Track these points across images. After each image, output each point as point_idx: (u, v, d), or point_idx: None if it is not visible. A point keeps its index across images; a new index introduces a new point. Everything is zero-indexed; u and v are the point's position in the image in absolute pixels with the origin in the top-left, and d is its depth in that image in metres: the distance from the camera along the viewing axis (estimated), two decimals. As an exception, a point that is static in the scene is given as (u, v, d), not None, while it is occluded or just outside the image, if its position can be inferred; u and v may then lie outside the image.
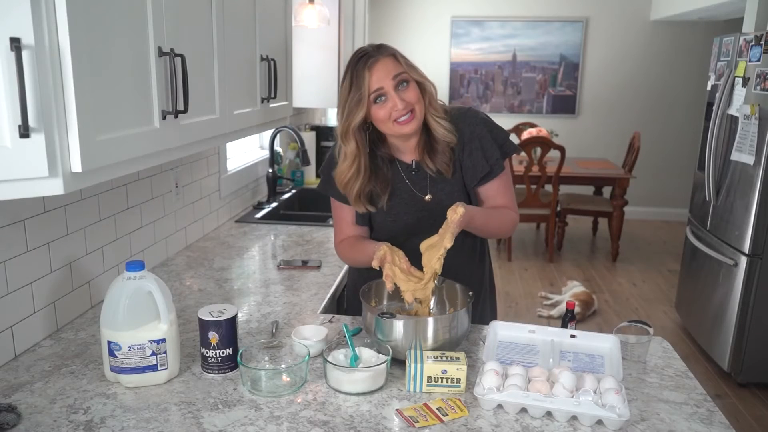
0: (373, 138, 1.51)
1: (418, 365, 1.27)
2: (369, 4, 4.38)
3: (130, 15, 1.18)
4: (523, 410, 1.22)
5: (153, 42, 1.26)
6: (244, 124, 1.84)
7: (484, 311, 1.71)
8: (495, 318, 1.70)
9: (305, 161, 2.93)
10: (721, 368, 3.27)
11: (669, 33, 6.12)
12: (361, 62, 1.40)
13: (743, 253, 3.08)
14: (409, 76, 1.42)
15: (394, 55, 1.42)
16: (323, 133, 3.81)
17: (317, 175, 3.70)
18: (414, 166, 1.54)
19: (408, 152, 1.55)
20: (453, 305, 1.53)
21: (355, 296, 1.75)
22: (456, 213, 1.36)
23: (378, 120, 1.43)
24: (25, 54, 0.93)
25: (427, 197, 1.54)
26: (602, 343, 1.46)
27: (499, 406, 1.23)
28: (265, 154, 3.19)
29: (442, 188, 1.54)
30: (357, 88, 1.39)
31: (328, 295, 1.84)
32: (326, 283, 1.93)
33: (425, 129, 1.51)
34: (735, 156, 3.15)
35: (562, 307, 3.99)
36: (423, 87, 1.45)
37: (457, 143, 1.51)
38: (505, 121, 6.27)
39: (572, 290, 4.18)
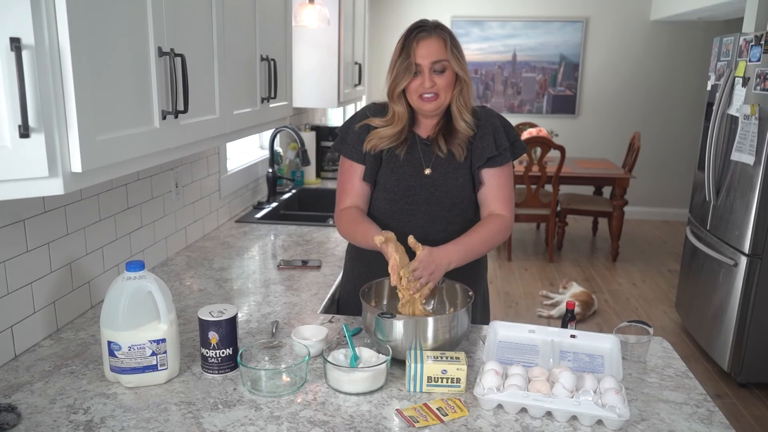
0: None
1: (418, 365, 1.27)
2: (369, 4, 4.38)
3: (130, 15, 1.18)
4: (523, 410, 1.22)
5: (153, 42, 1.26)
6: (244, 124, 1.84)
7: (474, 323, 1.70)
8: None
9: (305, 161, 2.93)
10: (721, 368, 3.27)
11: (669, 33, 6.12)
12: (414, 33, 1.52)
13: (743, 253, 3.08)
14: (449, 65, 1.52)
15: (445, 40, 1.52)
16: (323, 133, 3.80)
17: (317, 175, 3.71)
18: (427, 141, 1.63)
19: (425, 129, 1.64)
20: (453, 305, 1.53)
21: (351, 296, 1.75)
22: (417, 249, 1.42)
23: (408, 89, 1.55)
24: (25, 54, 0.93)
25: (427, 171, 1.61)
26: (602, 343, 1.46)
27: (499, 406, 1.23)
28: (265, 154, 3.19)
29: (445, 167, 1.61)
30: (407, 56, 1.51)
31: (328, 295, 1.84)
32: (326, 283, 1.93)
33: (448, 117, 1.61)
34: (735, 156, 3.16)
35: (562, 307, 3.99)
36: (459, 78, 1.55)
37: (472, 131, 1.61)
38: (505, 121, 6.27)
39: (572, 290, 4.18)
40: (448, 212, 1.62)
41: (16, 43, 0.91)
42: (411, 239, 1.43)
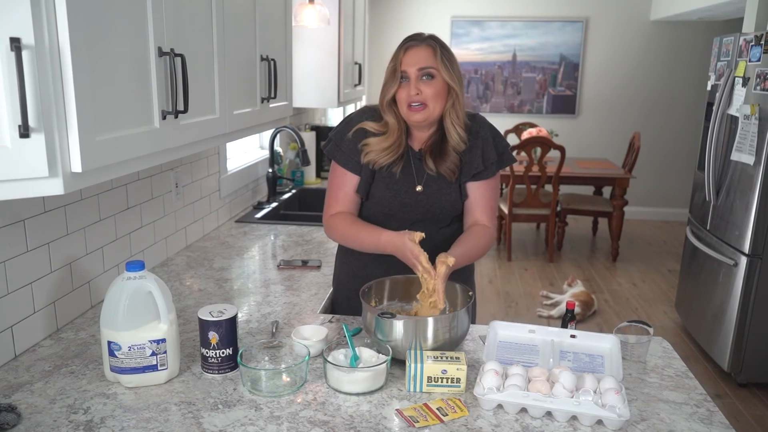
0: None
1: (418, 365, 1.27)
2: (369, 4, 4.37)
3: (130, 15, 1.18)
4: (523, 410, 1.22)
5: (153, 42, 1.26)
6: (244, 124, 1.84)
7: None
8: None
9: (305, 161, 2.93)
10: (721, 368, 3.27)
11: (669, 33, 6.12)
12: (404, 43, 1.52)
13: (743, 253, 3.08)
14: (437, 73, 1.49)
15: (434, 48, 1.49)
16: (323, 133, 3.80)
17: (317, 175, 3.70)
18: (419, 155, 1.60)
19: (417, 142, 1.62)
20: (453, 305, 1.53)
21: (342, 298, 1.75)
22: (446, 264, 1.40)
23: (398, 99, 1.53)
24: (25, 54, 0.93)
25: (419, 188, 1.60)
26: (602, 343, 1.46)
27: (499, 406, 1.23)
28: (265, 154, 3.19)
29: (438, 184, 1.60)
30: (394, 64, 1.52)
31: (328, 295, 1.84)
32: (326, 283, 1.93)
33: (440, 132, 1.58)
34: (735, 156, 3.16)
35: (562, 307, 3.99)
36: (451, 90, 1.52)
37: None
38: (505, 121, 6.28)
39: (573, 290, 4.17)
40: (438, 227, 1.63)
41: (16, 43, 0.91)
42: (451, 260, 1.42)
